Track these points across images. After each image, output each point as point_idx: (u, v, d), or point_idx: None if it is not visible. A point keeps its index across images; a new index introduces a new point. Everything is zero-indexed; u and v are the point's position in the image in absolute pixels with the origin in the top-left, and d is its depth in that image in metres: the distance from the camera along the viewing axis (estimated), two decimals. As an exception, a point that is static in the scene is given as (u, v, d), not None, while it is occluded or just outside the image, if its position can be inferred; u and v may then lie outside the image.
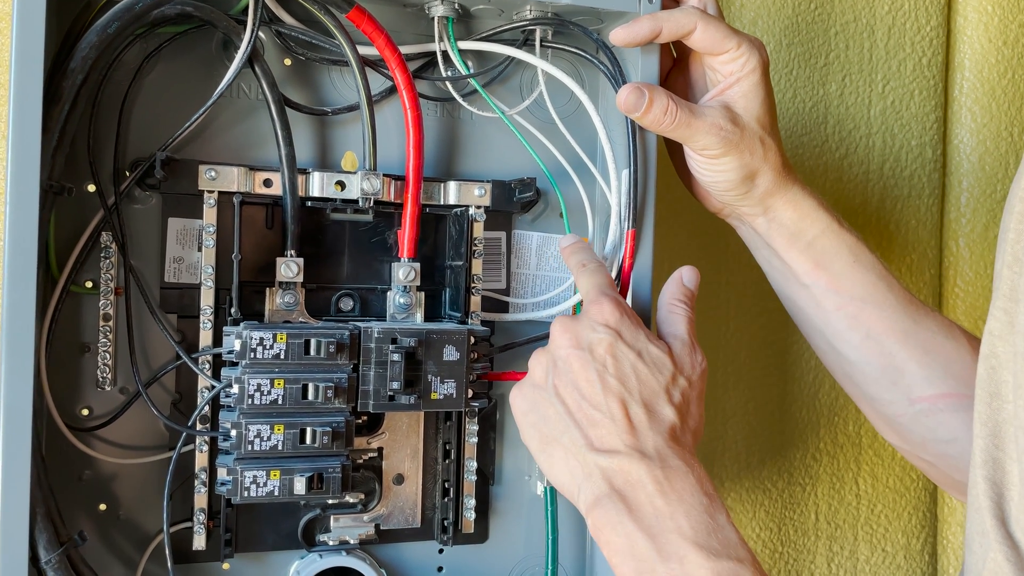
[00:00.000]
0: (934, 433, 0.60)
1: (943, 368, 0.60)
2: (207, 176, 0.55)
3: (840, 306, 0.61)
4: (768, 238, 0.62)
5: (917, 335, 0.61)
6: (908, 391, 0.60)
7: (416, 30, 0.61)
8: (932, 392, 0.60)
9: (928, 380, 0.60)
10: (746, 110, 0.58)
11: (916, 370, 0.60)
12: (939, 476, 0.64)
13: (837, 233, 0.61)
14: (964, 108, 0.90)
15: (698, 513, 0.47)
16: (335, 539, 0.60)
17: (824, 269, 0.61)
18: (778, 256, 0.62)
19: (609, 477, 0.48)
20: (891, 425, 0.62)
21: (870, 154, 0.87)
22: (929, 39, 0.89)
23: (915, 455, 0.63)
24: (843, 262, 0.61)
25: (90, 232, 0.54)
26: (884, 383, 0.61)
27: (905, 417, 0.61)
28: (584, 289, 0.56)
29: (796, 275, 0.62)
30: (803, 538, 0.87)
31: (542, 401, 0.52)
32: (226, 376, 0.54)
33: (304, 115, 0.59)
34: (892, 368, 0.61)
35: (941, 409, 0.60)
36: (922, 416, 0.60)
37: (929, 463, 0.62)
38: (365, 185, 0.57)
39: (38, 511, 0.49)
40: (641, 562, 0.46)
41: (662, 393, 0.51)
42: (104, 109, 0.54)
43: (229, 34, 0.55)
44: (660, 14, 0.58)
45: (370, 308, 0.61)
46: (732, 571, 0.44)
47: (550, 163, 0.63)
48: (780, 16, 0.84)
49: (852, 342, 0.61)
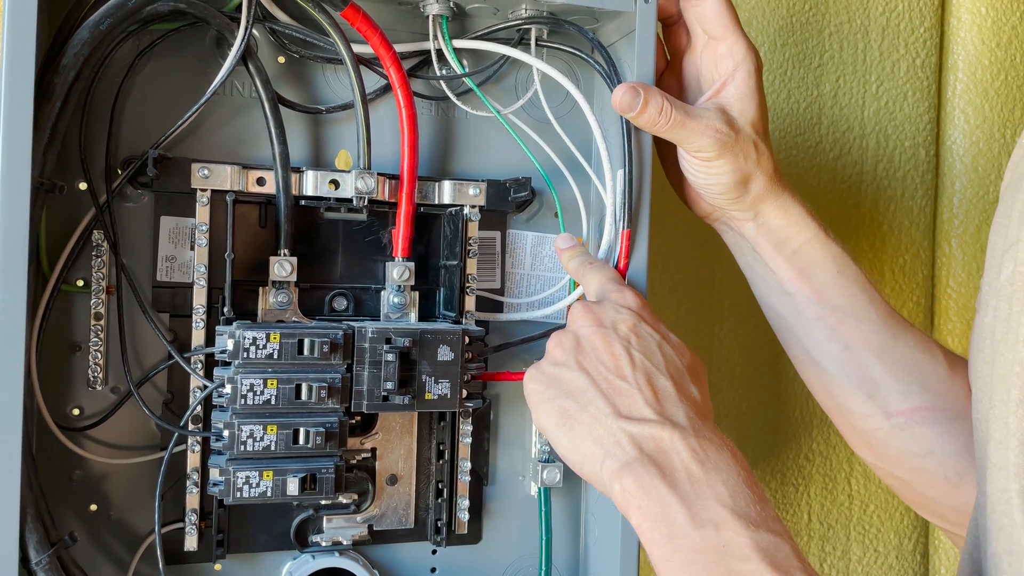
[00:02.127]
0: (909, 447, 0.60)
1: (919, 382, 0.61)
2: (200, 174, 0.55)
3: (821, 316, 0.61)
4: (755, 243, 0.62)
5: (895, 349, 0.61)
6: (884, 404, 0.61)
7: (411, 28, 0.61)
8: (908, 406, 0.60)
9: (904, 394, 0.60)
10: (741, 113, 0.58)
11: (892, 384, 0.60)
12: (911, 494, 0.64)
13: (823, 243, 0.61)
14: (957, 109, 0.91)
15: (735, 483, 0.45)
16: (328, 540, 0.60)
17: (808, 278, 0.61)
18: (763, 262, 0.62)
19: (639, 443, 0.46)
20: (866, 440, 0.62)
21: (864, 155, 0.88)
22: (923, 41, 0.89)
23: (889, 472, 0.63)
24: (827, 273, 0.61)
25: (81, 230, 0.54)
26: (861, 396, 0.61)
27: (881, 431, 0.61)
28: (598, 282, 0.56)
29: (780, 282, 0.62)
30: (796, 538, 0.87)
31: (563, 378, 0.50)
32: (219, 376, 0.54)
33: (298, 113, 0.59)
34: (869, 381, 0.61)
35: (917, 423, 0.60)
36: (898, 430, 0.61)
37: (903, 480, 0.62)
38: (359, 184, 0.57)
39: (28, 512, 0.49)
40: (674, 527, 0.44)
41: (686, 373, 0.51)
42: (96, 106, 0.54)
43: (223, 31, 0.55)
44: None
45: (364, 308, 0.61)
46: (772, 543, 0.42)
47: (545, 163, 0.63)
48: (775, 17, 0.84)
49: (831, 353, 0.61)
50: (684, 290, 0.82)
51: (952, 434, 0.60)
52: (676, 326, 0.82)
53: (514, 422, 0.65)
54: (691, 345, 0.82)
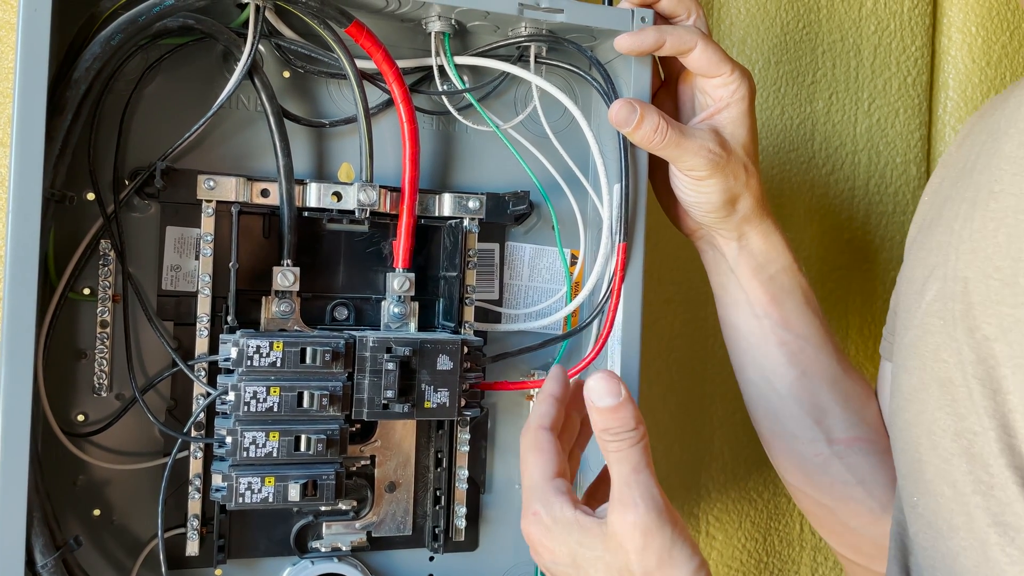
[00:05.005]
0: (843, 475, 0.64)
1: (860, 415, 0.64)
2: (205, 186, 0.56)
3: (784, 342, 0.64)
4: (735, 264, 0.64)
5: (844, 382, 0.65)
6: (829, 432, 0.64)
7: (413, 45, 0.62)
8: (849, 435, 0.64)
9: (848, 423, 0.64)
10: (733, 136, 0.60)
11: (839, 412, 0.64)
12: (831, 522, 0.66)
13: (795, 274, 0.65)
14: (948, 127, 0.92)
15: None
16: (327, 546, 0.61)
17: (778, 305, 0.64)
18: (738, 283, 0.64)
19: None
20: (804, 465, 0.65)
21: (856, 171, 0.89)
22: (914, 59, 0.90)
23: (815, 499, 0.65)
24: (796, 302, 0.64)
25: (89, 240, 0.55)
26: (808, 422, 0.64)
27: (821, 457, 0.64)
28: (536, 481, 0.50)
29: (751, 304, 0.64)
30: (788, 548, 0.88)
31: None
32: (222, 383, 0.55)
33: (302, 127, 0.60)
34: (819, 408, 0.64)
35: (854, 452, 0.64)
36: (836, 458, 0.64)
37: (828, 508, 0.65)
38: (361, 196, 0.58)
39: (35, 516, 0.50)
40: None
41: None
42: (105, 119, 0.55)
43: (229, 47, 0.56)
44: (665, 28, 0.59)
45: (364, 317, 0.62)
46: None
47: (543, 177, 0.64)
48: (768, 35, 0.85)
49: (787, 378, 0.64)
50: (679, 302, 0.83)
51: (883, 466, 0.63)
52: (671, 338, 0.83)
53: (511, 431, 0.66)
54: (685, 356, 0.83)
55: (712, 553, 0.85)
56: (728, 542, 0.85)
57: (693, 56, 0.59)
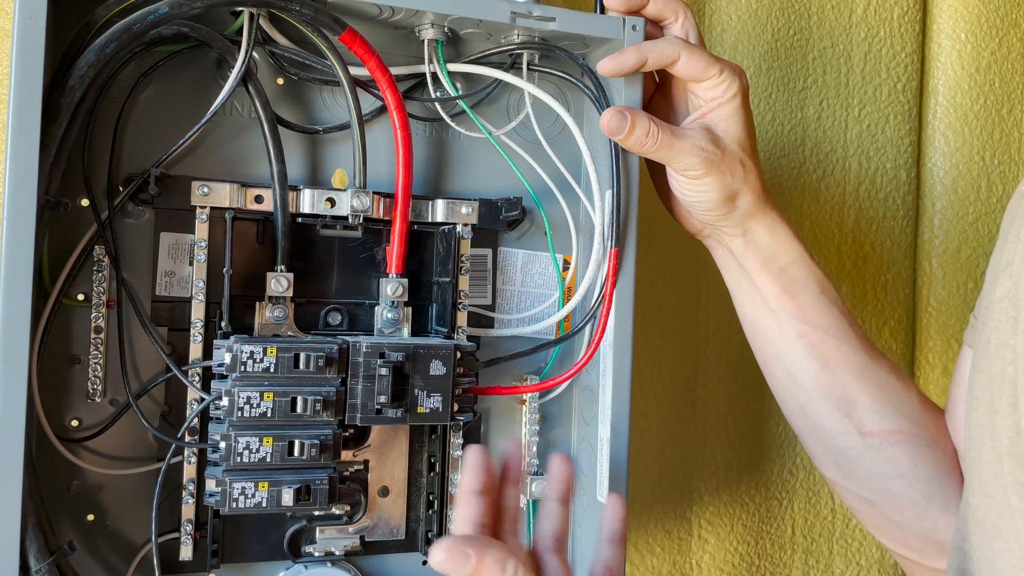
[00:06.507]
0: (881, 468, 0.62)
1: (895, 406, 0.62)
2: (199, 192, 0.56)
3: (803, 334, 0.63)
4: (743, 260, 0.63)
5: (872, 372, 0.63)
6: (860, 424, 0.62)
7: (406, 52, 0.62)
8: (883, 427, 0.62)
9: (880, 415, 0.62)
10: (727, 132, 0.60)
11: (869, 404, 0.62)
12: (876, 517, 0.64)
13: (807, 264, 0.63)
14: (938, 132, 0.93)
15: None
16: (321, 550, 0.61)
17: (792, 297, 0.63)
18: (749, 279, 0.64)
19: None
20: (838, 459, 0.64)
21: (846, 176, 0.90)
22: (904, 65, 0.91)
23: (856, 493, 0.64)
24: (810, 293, 0.63)
25: (83, 246, 0.55)
26: (836, 415, 0.63)
27: (854, 451, 0.62)
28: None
29: (765, 299, 0.63)
30: (780, 552, 0.88)
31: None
32: (216, 389, 0.55)
33: (296, 133, 0.61)
34: (846, 400, 0.62)
35: (891, 444, 0.62)
36: (871, 450, 0.62)
37: (869, 502, 0.63)
38: (355, 202, 0.58)
39: (29, 521, 0.50)
40: None
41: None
42: (99, 125, 0.55)
43: (224, 54, 0.56)
44: (645, 44, 0.59)
45: (358, 323, 0.62)
46: None
47: (535, 183, 0.65)
48: (760, 42, 0.86)
49: (810, 371, 0.63)
50: (671, 307, 0.84)
51: (924, 459, 0.61)
52: (663, 343, 0.83)
53: (504, 436, 0.66)
54: (677, 361, 0.83)
55: (704, 556, 0.86)
56: (720, 545, 0.86)
57: (679, 67, 0.59)
